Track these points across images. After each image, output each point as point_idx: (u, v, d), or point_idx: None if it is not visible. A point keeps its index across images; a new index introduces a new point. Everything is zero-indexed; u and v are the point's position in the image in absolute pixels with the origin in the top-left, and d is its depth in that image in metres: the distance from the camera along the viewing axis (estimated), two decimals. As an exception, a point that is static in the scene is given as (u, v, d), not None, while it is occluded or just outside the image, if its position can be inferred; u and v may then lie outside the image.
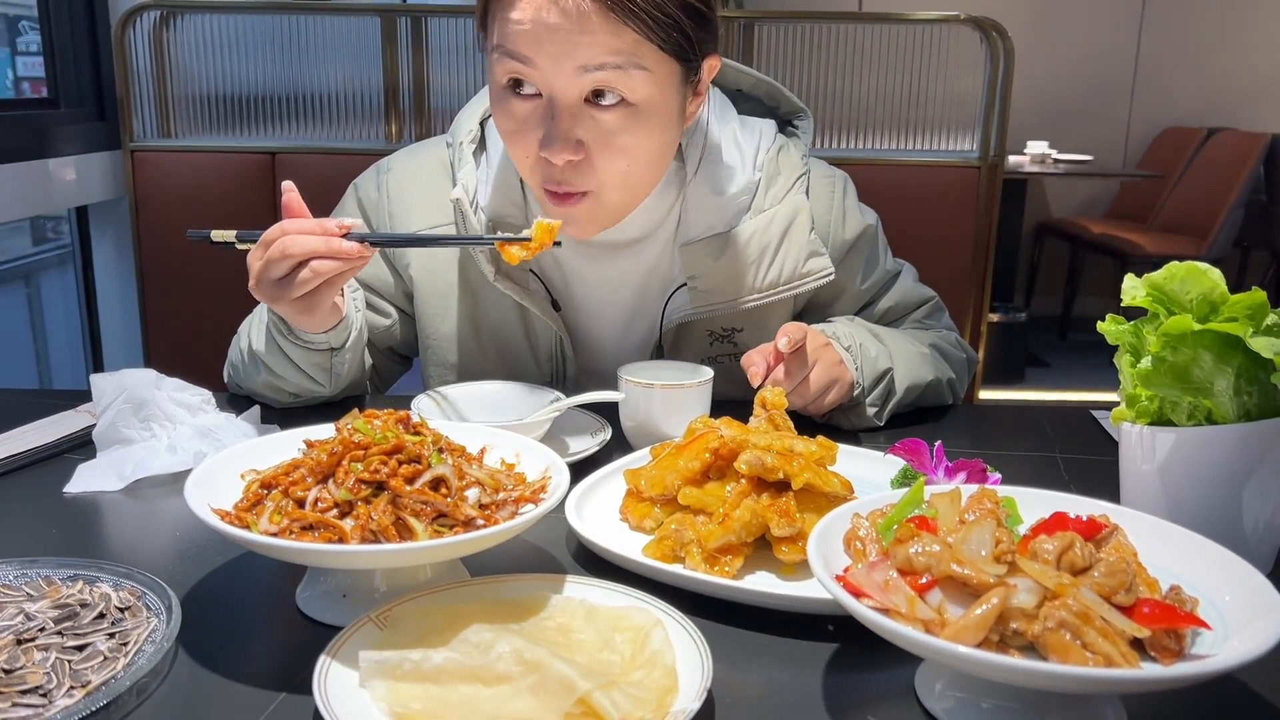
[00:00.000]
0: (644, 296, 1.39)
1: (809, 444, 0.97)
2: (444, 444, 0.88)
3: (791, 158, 1.36)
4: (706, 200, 1.32)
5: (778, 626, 0.82)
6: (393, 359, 1.50)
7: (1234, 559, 0.74)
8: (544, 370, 1.41)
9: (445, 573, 0.87)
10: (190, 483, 0.84)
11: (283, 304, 1.13)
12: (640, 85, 1.13)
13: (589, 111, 1.14)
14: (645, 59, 1.12)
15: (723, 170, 1.32)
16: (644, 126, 1.16)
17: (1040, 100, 5.87)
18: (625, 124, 1.15)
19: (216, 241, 1.15)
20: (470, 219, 1.31)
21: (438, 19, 2.24)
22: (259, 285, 1.12)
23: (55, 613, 0.78)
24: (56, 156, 2.14)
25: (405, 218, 1.39)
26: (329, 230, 1.09)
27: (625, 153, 1.17)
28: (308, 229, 1.09)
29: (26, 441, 1.19)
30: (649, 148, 1.19)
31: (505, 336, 1.40)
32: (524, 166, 1.22)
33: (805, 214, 1.34)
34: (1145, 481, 0.93)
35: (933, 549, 0.71)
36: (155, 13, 2.18)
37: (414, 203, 1.39)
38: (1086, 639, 0.65)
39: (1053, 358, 5.47)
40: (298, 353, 1.25)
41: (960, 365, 1.46)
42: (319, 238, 1.08)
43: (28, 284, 2.88)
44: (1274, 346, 0.84)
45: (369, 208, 1.42)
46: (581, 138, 1.15)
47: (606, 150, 1.16)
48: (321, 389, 1.30)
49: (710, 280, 1.32)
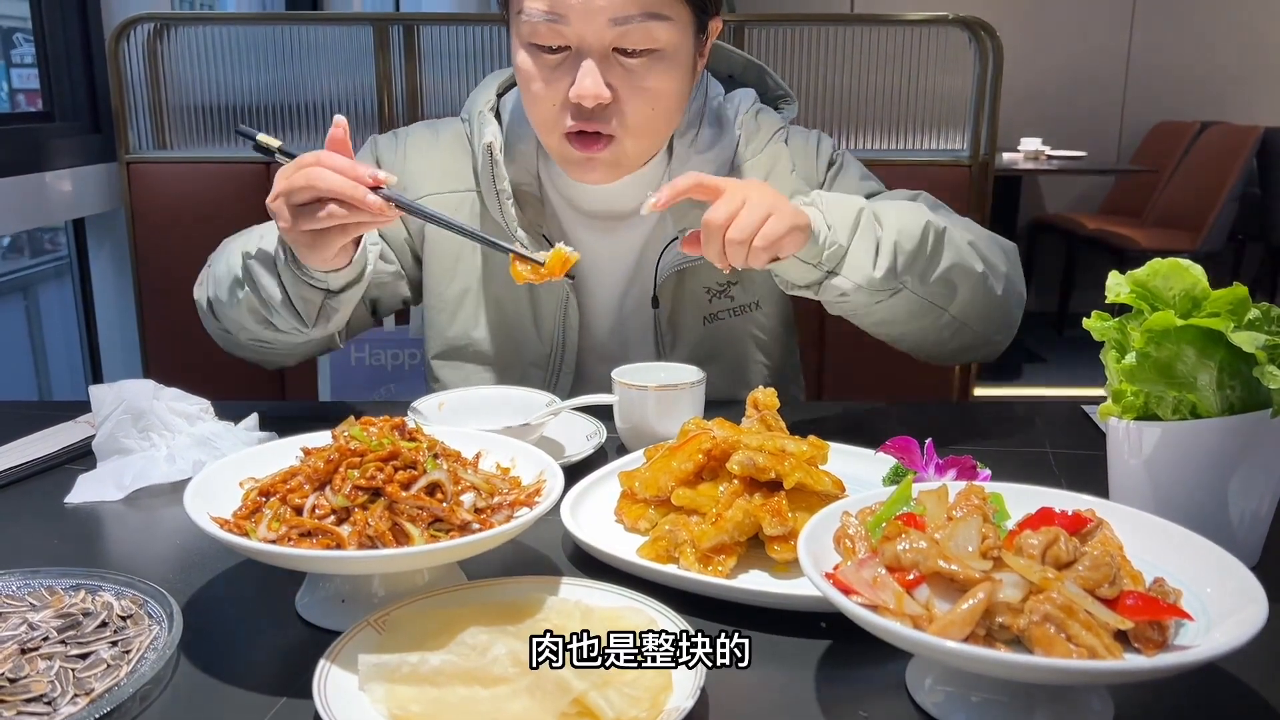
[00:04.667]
0: (642, 261, 1.44)
1: (800, 444, 0.98)
2: (439, 450, 0.89)
3: (770, 117, 1.45)
4: (692, 157, 1.38)
5: (771, 624, 0.84)
6: (368, 310, 1.47)
7: (1217, 551, 0.75)
8: (545, 342, 1.44)
9: (442, 576, 0.88)
10: (189, 492, 0.85)
11: (292, 231, 1.10)
12: (663, 32, 1.22)
13: (616, 58, 1.23)
14: (668, 7, 1.22)
15: (707, 132, 1.40)
16: (667, 71, 1.25)
17: (1033, 97, 5.88)
18: (650, 68, 1.24)
19: (260, 145, 1.12)
20: (500, 165, 1.36)
21: (430, 27, 2.25)
22: (276, 201, 1.09)
23: (58, 622, 0.79)
24: (52, 170, 2.15)
25: (421, 177, 1.43)
26: (361, 177, 1.05)
27: (650, 95, 1.25)
28: (342, 168, 1.05)
29: (27, 453, 1.20)
30: (670, 92, 1.27)
31: (509, 305, 1.44)
32: (548, 119, 1.28)
33: (785, 158, 1.43)
34: (1133, 475, 0.95)
35: (920, 546, 0.72)
36: (149, 25, 2.19)
37: (432, 164, 1.44)
38: (1071, 632, 0.66)
39: (1049, 353, 5.48)
40: (292, 280, 1.21)
41: (992, 244, 1.35)
42: (349, 182, 1.05)
43: (25, 296, 2.89)
44: (1255, 340, 0.85)
45: (385, 163, 1.46)
46: (611, 82, 1.23)
47: (633, 94, 1.24)
48: (302, 328, 1.26)
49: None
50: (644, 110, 1.26)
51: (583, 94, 1.21)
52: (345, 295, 1.24)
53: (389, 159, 1.46)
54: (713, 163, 1.37)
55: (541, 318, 1.43)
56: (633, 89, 1.24)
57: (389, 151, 1.47)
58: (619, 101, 1.24)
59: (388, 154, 1.47)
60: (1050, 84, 6.06)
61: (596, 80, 1.21)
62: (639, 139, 1.29)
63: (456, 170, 1.44)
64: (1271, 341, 0.86)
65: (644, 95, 1.25)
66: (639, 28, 1.20)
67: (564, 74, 1.23)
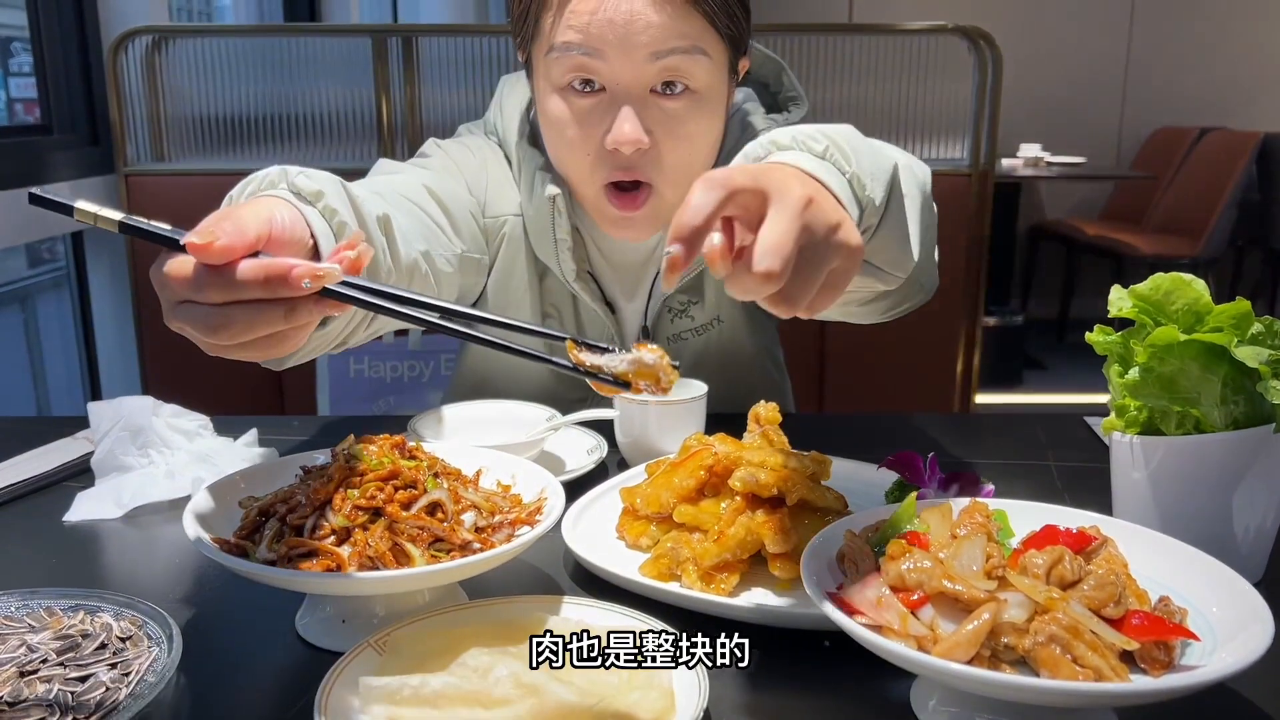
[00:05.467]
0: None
1: (803, 459, 0.98)
2: (440, 468, 0.89)
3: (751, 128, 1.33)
4: None
5: (774, 643, 0.83)
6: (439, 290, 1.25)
7: (1222, 568, 0.75)
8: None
9: (443, 596, 0.88)
10: (189, 512, 0.85)
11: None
12: (702, 72, 1.16)
13: (655, 101, 1.17)
14: (708, 44, 1.16)
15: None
16: (705, 114, 1.19)
17: (1032, 103, 5.89)
18: (689, 112, 1.18)
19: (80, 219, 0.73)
20: (565, 218, 1.28)
21: (428, 39, 2.25)
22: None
23: (57, 644, 0.78)
24: (51, 182, 2.15)
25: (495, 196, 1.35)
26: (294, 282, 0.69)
27: (689, 141, 1.19)
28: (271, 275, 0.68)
29: (26, 470, 1.20)
30: (708, 135, 1.22)
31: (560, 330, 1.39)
32: (582, 169, 1.21)
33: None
34: (1136, 490, 0.94)
35: (924, 565, 0.72)
36: (147, 38, 2.19)
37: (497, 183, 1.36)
38: (1076, 653, 0.66)
39: (1050, 360, 5.47)
40: None
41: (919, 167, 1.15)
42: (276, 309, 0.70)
43: (23, 307, 2.88)
44: (1259, 355, 0.85)
45: (465, 167, 1.35)
46: (649, 127, 1.17)
47: (671, 139, 1.18)
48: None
49: None
50: (683, 156, 1.20)
51: (621, 140, 1.15)
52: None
53: (470, 164, 1.36)
54: None
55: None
56: (671, 134, 1.18)
57: (468, 157, 1.36)
58: (656, 147, 1.18)
59: (468, 161, 1.36)
60: (1050, 90, 6.07)
61: (635, 125, 1.15)
62: (677, 187, 1.21)
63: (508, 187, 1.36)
64: (1275, 356, 0.85)
65: (683, 141, 1.19)
66: (681, 62, 1.13)
67: (599, 120, 1.17)
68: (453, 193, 1.29)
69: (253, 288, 0.67)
